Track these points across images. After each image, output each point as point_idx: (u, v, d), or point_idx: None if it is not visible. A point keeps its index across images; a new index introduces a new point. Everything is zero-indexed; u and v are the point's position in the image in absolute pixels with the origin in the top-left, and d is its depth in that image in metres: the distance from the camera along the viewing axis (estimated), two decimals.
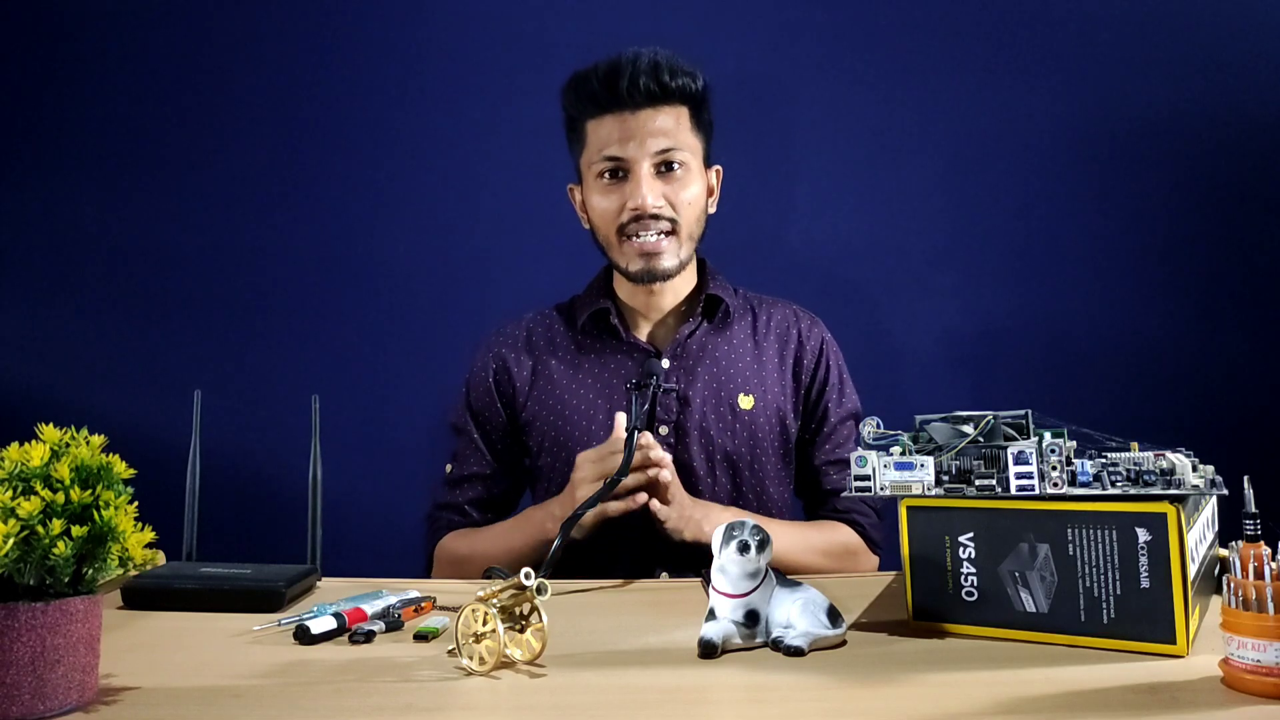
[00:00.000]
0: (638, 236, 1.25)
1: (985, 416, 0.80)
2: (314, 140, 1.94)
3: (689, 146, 1.27)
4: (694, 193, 1.27)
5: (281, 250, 1.93)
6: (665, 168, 1.26)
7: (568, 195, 1.38)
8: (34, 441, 0.65)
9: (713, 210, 1.35)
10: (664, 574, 1.23)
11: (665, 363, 1.29)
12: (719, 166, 1.36)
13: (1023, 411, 0.80)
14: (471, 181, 1.94)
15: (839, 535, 1.29)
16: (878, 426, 0.83)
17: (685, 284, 1.34)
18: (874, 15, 1.93)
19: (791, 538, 1.22)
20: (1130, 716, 0.61)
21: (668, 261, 1.26)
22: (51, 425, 0.67)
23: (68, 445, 0.66)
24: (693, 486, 1.25)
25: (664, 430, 1.27)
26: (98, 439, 0.67)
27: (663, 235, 1.25)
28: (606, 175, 1.26)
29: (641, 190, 1.23)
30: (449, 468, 1.36)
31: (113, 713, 0.65)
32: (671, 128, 1.25)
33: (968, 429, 0.80)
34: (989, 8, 1.91)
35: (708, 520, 1.15)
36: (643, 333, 1.34)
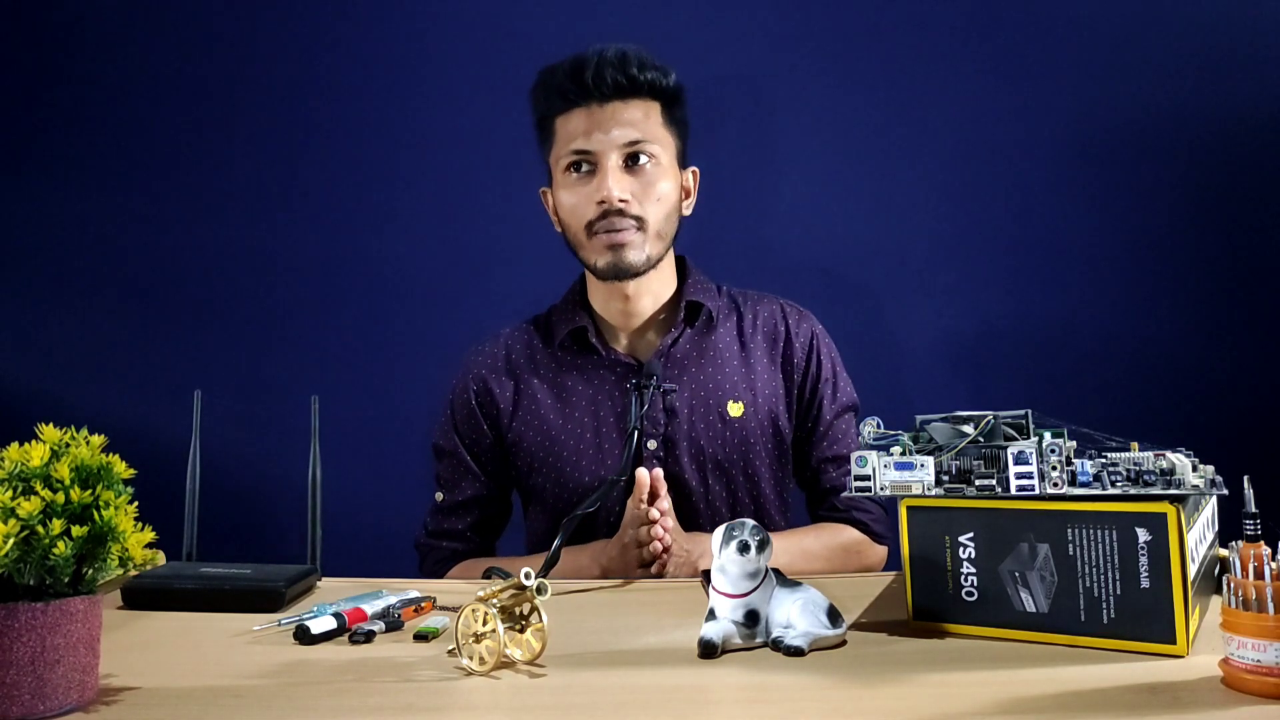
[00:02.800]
0: (605, 232, 1.22)
1: (985, 416, 0.80)
2: (314, 141, 1.94)
3: (659, 141, 1.24)
4: (663, 189, 1.24)
5: (282, 251, 1.92)
6: (633, 161, 1.22)
7: (541, 200, 1.36)
8: (34, 441, 0.65)
9: (688, 212, 1.32)
10: None
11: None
12: (695, 168, 1.33)
13: (1023, 411, 0.80)
14: (471, 182, 1.94)
15: (839, 537, 1.27)
16: (878, 426, 0.83)
17: (664, 289, 1.31)
18: (875, 15, 1.92)
19: (782, 543, 1.18)
20: (1130, 716, 0.61)
21: (634, 256, 1.22)
22: (51, 425, 0.67)
23: (68, 445, 0.66)
24: (686, 498, 1.24)
25: (652, 445, 1.25)
26: (98, 439, 0.67)
27: (630, 230, 1.22)
28: (574, 170, 1.24)
29: (608, 183, 1.20)
30: (440, 496, 1.34)
31: (113, 713, 0.65)
32: (640, 120, 1.22)
33: (968, 429, 0.80)
34: (989, 8, 1.91)
35: (703, 560, 1.13)
36: (622, 344, 1.31)
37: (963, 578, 0.79)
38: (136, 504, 0.66)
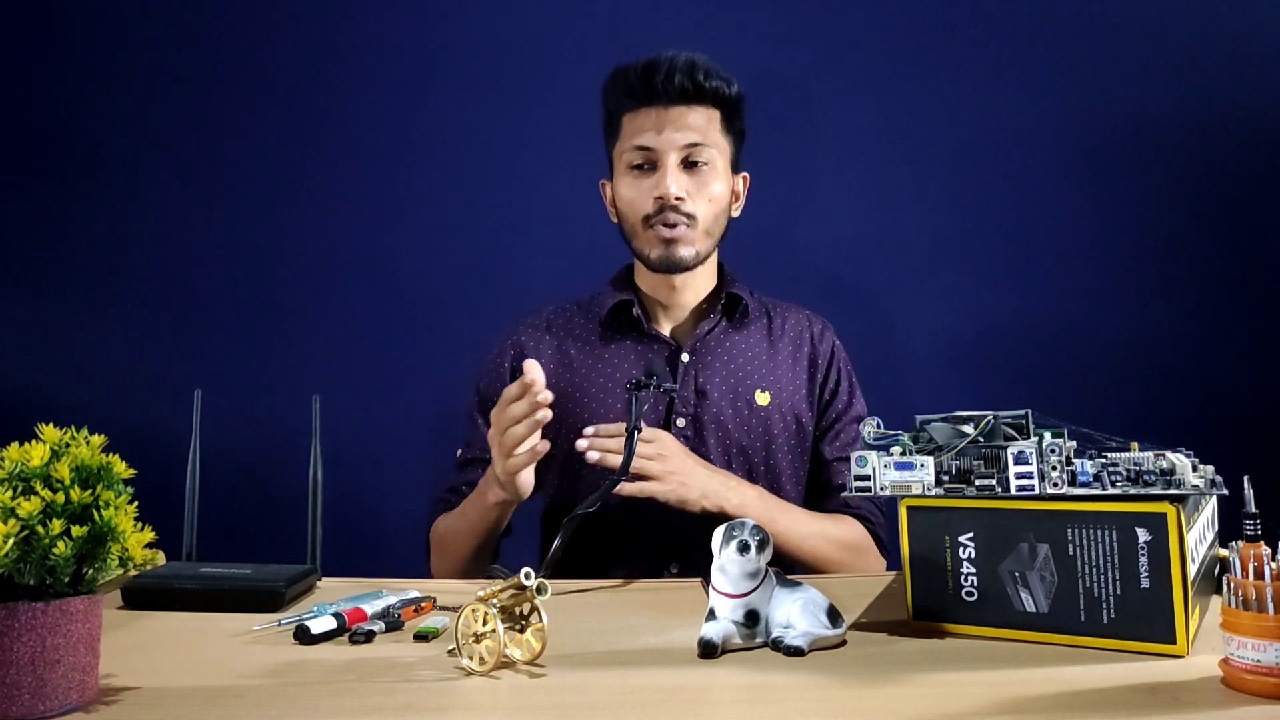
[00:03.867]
0: (660, 225, 1.29)
1: (985, 416, 0.80)
2: (315, 140, 1.94)
3: (717, 146, 1.31)
4: (716, 190, 1.31)
5: (282, 250, 1.93)
6: (691, 163, 1.30)
7: (599, 190, 1.42)
8: (34, 441, 0.65)
9: (736, 214, 1.39)
10: (674, 567, 1.26)
11: (685, 356, 1.33)
12: (746, 174, 1.41)
13: (1023, 411, 0.80)
14: (473, 181, 1.94)
15: (854, 530, 1.31)
16: (878, 426, 0.83)
17: (705, 283, 1.38)
18: (874, 16, 1.93)
19: (809, 525, 1.26)
20: (1130, 716, 0.61)
21: (685, 251, 1.30)
22: (51, 425, 0.67)
23: (68, 445, 0.66)
24: None
25: (681, 423, 1.30)
26: (98, 439, 0.67)
27: (683, 226, 1.29)
28: (636, 166, 1.31)
29: (667, 180, 1.27)
30: (459, 452, 1.38)
31: (113, 713, 0.65)
32: (701, 125, 1.30)
33: (968, 429, 0.80)
34: (989, 8, 1.91)
35: (691, 490, 1.17)
36: (664, 327, 1.38)
37: (963, 578, 0.79)
38: (136, 504, 0.66)
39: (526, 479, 1.12)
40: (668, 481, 1.15)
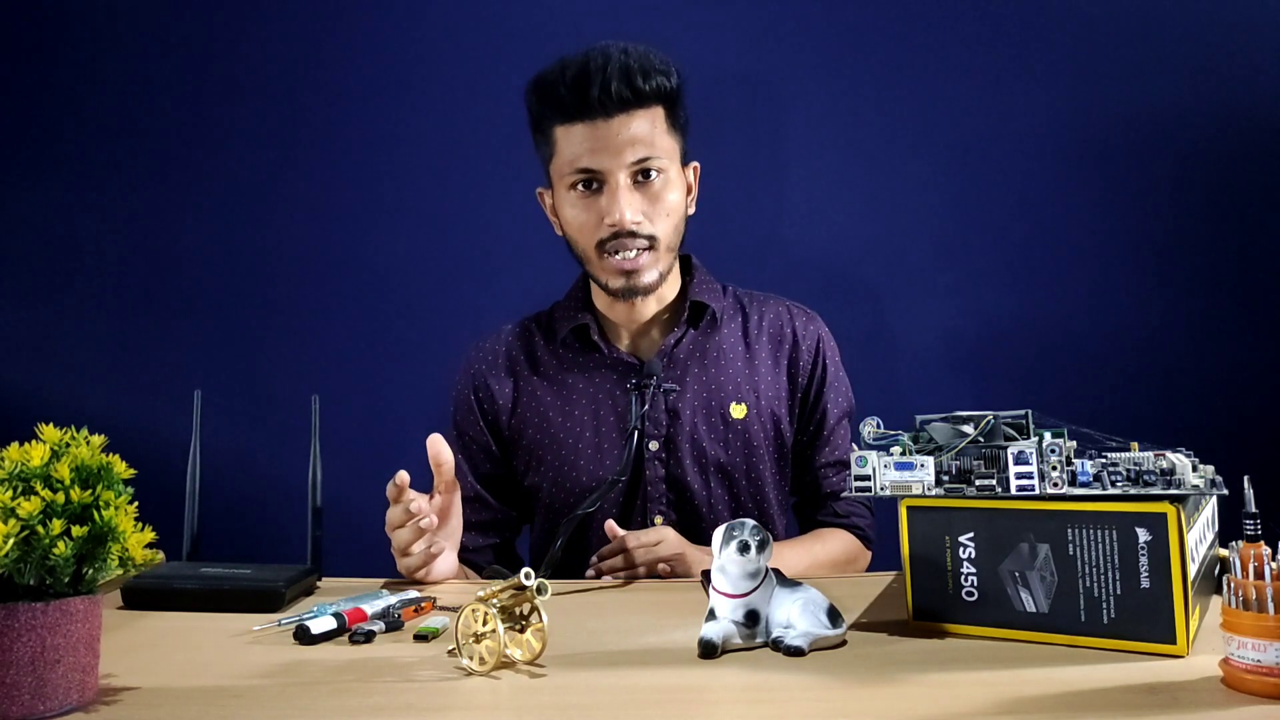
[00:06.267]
0: (616, 254, 1.18)
1: (985, 416, 0.80)
2: (313, 140, 1.94)
3: (666, 151, 1.19)
4: (672, 201, 1.20)
5: (281, 250, 1.93)
6: (642, 176, 1.18)
7: (537, 199, 1.32)
8: (34, 441, 0.65)
9: (691, 211, 1.28)
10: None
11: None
12: (696, 164, 1.29)
13: (1023, 411, 0.80)
14: (471, 181, 1.94)
15: (842, 544, 1.27)
16: (878, 426, 0.83)
17: (668, 290, 1.28)
18: (874, 14, 1.93)
19: (804, 560, 1.21)
20: (1130, 716, 0.61)
21: (647, 278, 1.20)
22: (51, 425, 0.67)
23: (68, 445, 0.66)
24: (688, 501, 1.23)
25: (654, 446, 1.23)
26: (98, 439, 0.67)
27: (642, 252, 1.18)
28: (580, 186, 1.19)
29: (619, 205, 1.15)
30: None
31: (113, 713, 0.65)
32: (647, 133, 1.17)
33: (968, 429, 0.80)
34: (988, 7, 1.91)
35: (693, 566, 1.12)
36: (625, 342, 1.29)
37: (963, 578, 0.79)
38: (136, 504, 0.66)
39: (440, 569, 1.05)
40: (681, 563, 1.11)
